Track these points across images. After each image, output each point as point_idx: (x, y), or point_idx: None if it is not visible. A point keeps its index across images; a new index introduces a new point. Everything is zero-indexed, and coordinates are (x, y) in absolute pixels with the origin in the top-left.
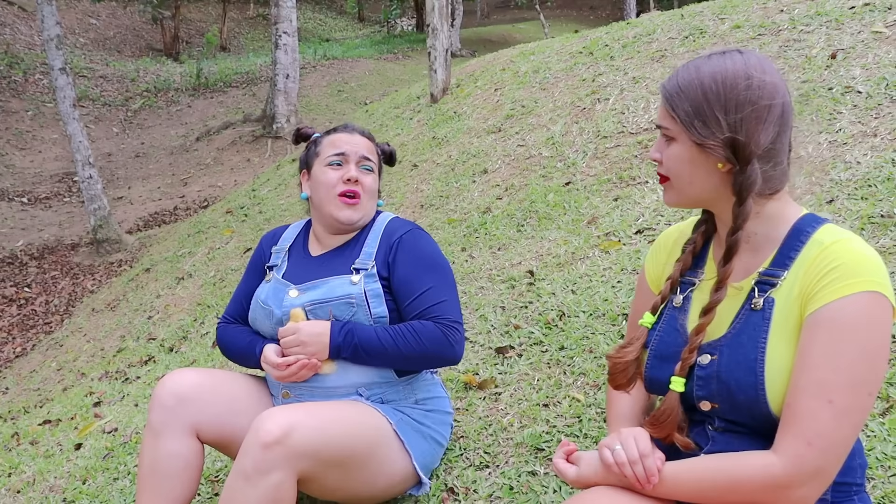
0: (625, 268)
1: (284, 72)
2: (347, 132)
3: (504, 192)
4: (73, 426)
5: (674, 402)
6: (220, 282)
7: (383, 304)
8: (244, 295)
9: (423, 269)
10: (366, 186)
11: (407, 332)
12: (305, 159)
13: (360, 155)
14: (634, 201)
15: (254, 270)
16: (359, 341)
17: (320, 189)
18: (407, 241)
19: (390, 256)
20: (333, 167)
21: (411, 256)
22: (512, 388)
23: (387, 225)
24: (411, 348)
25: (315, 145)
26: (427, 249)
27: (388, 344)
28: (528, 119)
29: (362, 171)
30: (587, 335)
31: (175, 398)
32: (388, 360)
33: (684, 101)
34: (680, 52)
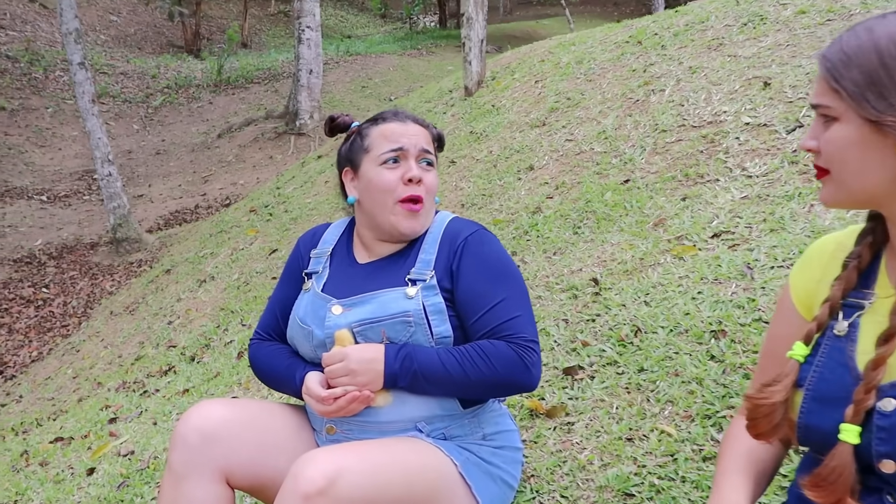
0: (704, 276)
1: (307, 67)
2: (399, 121)
3: (554, 190)
4: (87, 446)
5: (846, 457)
6: (244, 285)
7: (446, 321)
8: (280, 306)
9: (493, 278)
10: (429, 186)
11: (475, 355)
12: (348, 155)
13: (419, 148)
14: (706, 201)
15: (290, 277)
16: (419, 367)
17: (375, 194)
18: (473, 244)
19: (454, 263)
20: (389, 166)
21: (479, 263)
22: (586, 417)
23: (447, 226)
24: (481, 374)
25: (360, 138)
26: (497, 254)
27: (453, 369)
28: (575, 112)
29: (423, 167)
30: (669, 355)
31: (201, 436)
32: (454, 389)
33: (853, 69)
34: (739, 40)
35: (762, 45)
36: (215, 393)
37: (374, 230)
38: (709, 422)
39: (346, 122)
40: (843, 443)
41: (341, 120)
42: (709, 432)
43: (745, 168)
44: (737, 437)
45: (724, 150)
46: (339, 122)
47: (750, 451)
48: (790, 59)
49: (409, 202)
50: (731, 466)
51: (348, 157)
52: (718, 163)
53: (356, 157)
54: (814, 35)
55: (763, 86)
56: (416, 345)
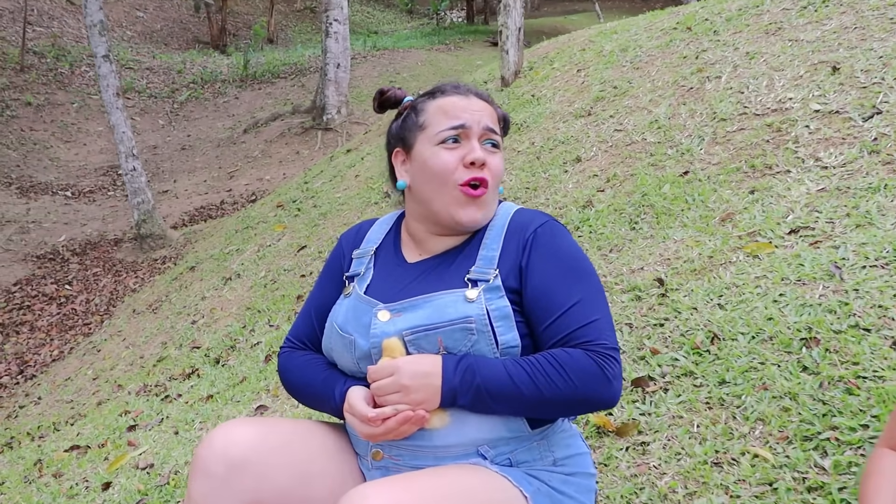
0: (786, 277)
1: (335, 61)
2: (461, 94)
3: (605, 183)
4: (104, 456)
5: None
6: (271, 283)
7: (513, 327)
8: (317, 311)
9: (568, 275)
10: (494, 171)
11: (549, 366)
12: (400, 133)
13: (483, 126)
14: (778, 194)
15: (330, 278)
16: (482, 381)
17: (431, 177)
18: (544, 237)
19: (522, 259)
20: (448, 146)
21: (552, 259)
22: (663, 437)
23: (512, 218)
24: (556, 389)
25: (415, 113)
26: (571, 249)
27: (523, 384)
28: (623, 101)
29: (488, 148)
30: (754, 365)
31: (226, 465)
32: (522, 407)
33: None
34: (799, 23)
35: (826, 29)
36: (241, 400)
37: (428, 221)
38: (809, 444)
39: (398, 96)
40: None
41: (392, 93)
42: (811, 457)
43: (818, 158)
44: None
45: (794, 139)
46: (390, 96)
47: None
48: (859, 43)
49: (469, 187)
50: None
51: (400, 135)
52: (788, 153)
53: (409, 136)
54: (884, 17)
55: (831, 71)
56: (478, 356)
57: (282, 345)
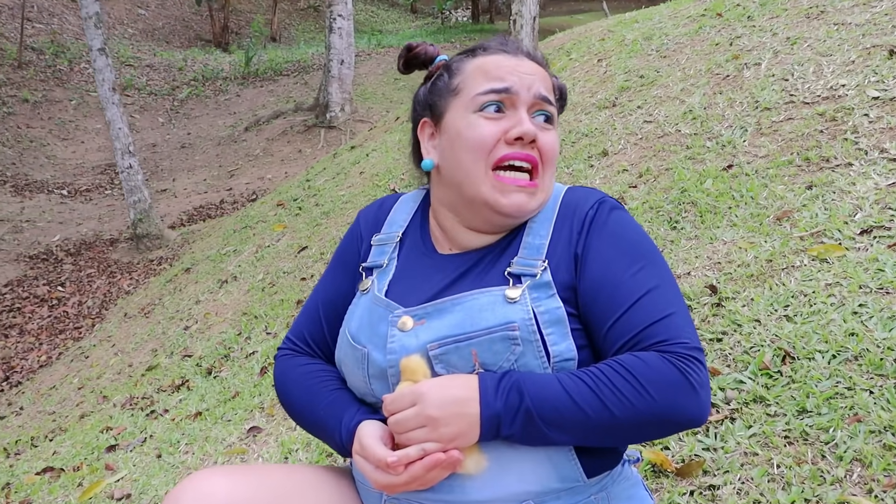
0: (864, 284)
1: (339, 57)
2: (508, 52)
3: (637, 178)
4: (77, 481)
5: None
6: (269, 287)
7: (568, 335)
8: (326, 306)
9: (634, 262)
10: (547, 151)
11: (616, 377)
12: (429, 99)
13: (535, 94)
14: (841, 190)
15: (342, 266)
16: (533, 403)
17: (462, 153)
18: (602, 217)
19: (578, 246)
20: (489, 115)
21: (614, 243)
22: (736, 479)
23: (563, 199)
24: (628, 406)
25: (449, 75)
26: (636, 232)
27: (586, 402)
28: (652, 91)
29: (540, 123)
30: (840, 391)
31: None
32: (587, 432)
33: None
34: (844, 6)
35: (876, 11)
36: (232, 419)
37: (460, 211)
38: None
39: (430, 54)
40: None
41: (423, 49)
42: None
43: (884, 149)
44: None
45: (852, 128)
46: (419, 52)
47: None
48: None
49: (514, 170)
50: None
51: (429, 101)
52: (848, 144)
53: (440, 102)
54: None
55: (888, 55)
56: (523, 372)
57: (279, 346)
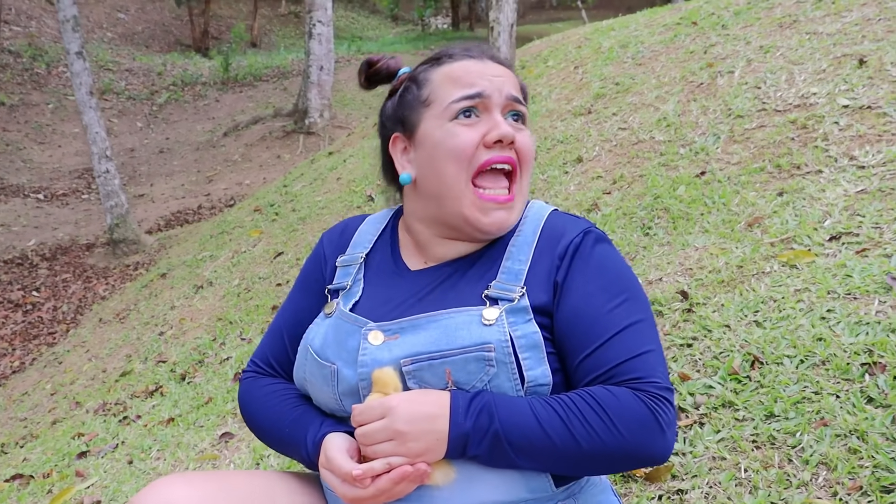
0: (833, 290)
1: (318, 63)
2: (474, 58)
3: (611, 184)
4: (47, 489)
5: None
6: (245, 292)
7: (544, 360)
8: (290, 329)
9: (614, 297)
10: (523, 152)
11: (587, 409)
12: (397, 113)
13: (506, 95)
14: (811, 197)
15: (306, 288)
16: (501, 427)
17: (443, 164)
18: (586, 249)
19: (559, 274)
20: (464, 122)
21: (596, 275)
22: (704, 483)
23: (546, 223)
24: (596, 439)
25: (417, 86)
26: (618, 266)
27: (555, 431)
28: (627, 98)
29: (513, 123)
30: (807, 395)
31: None
32: (552, 461)
33: None
34: (816, 16)
35: (847, 21)
36: (204, 425)
37: (437, 223)
38: (890, 497)
39: (391, 67)
40: None
41: (384, 64)
42: None
43: (853, 157)
44: None
45: (822, 136)
46: (381, 68)
47: None
48: (886, 35)
49: (496, 174)
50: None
51: (398, 115)
52: (818, 151)
53: (412, 115)
54: None
55: (858, 64)
56: (496, 393)
57: (244, 369)
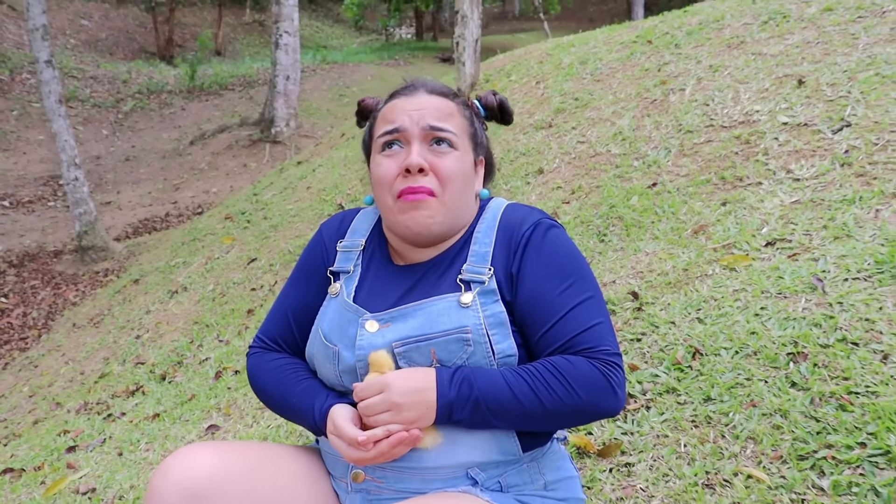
0: (766, 290)
1: (285, 73)
2: (406, 95)
3: (570, 194)
4: (40, 480)
5: None
6: (220, 297)
7: (509, 335)
8: (293, 307)
9: (565, 278)
10: (442, 172)
11: (549, 376)
12: (364, 144)
13: (423, 126)
14: (751, 206)
15: (307, 273)
16: (480, 394)
17: (375, 189)
18: (537, 238)
19: (513, 265)
20: (388, 153)
21: (547, 260)
22: (648, 457)
23: (503, 215)
24: (559, 401)
25: (374, 121)
26: (569, 248)
27: (524, 395)
28: (585, 112)
29: (433, 148)
30: (740, 381)
31: (184, 497)
32: (523, 420)
33: None
34: (761, 37)
35: (789, 43)
36: (190, 419)
37: (395, 233)
38: (806, 464)
39: (371, 105)
40: None
41: (366, 103)
42: (808, 477)
43: (790, 170)
44: None
45: (763, 151)
46: (366, 105)
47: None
48: (823, 57)
49: (406, 196)
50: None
51: (364, 146)
52: (759, 165)
53: (367, 147)
54: (846, 32)
55: (797, 84)
56: (473, 367)
57: (251, 344)
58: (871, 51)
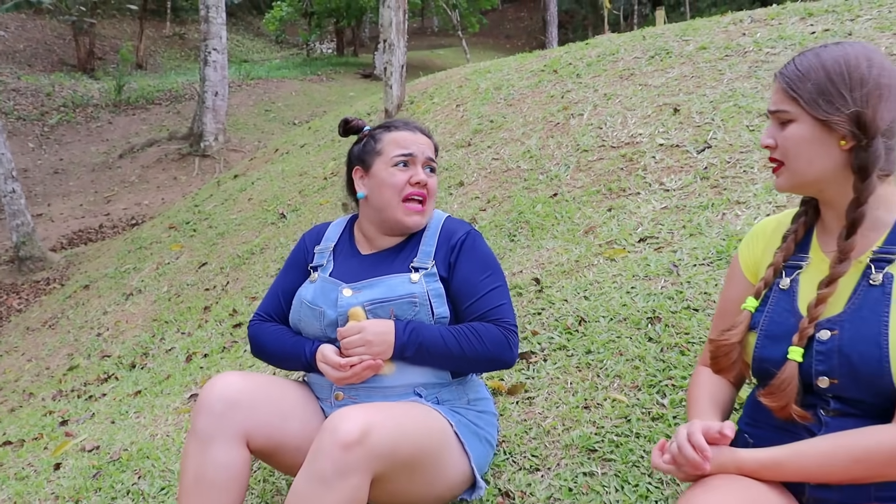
0: (636, 274)
1: (213, 89)
2: (410, 130)
3: (486, 203)
4: (43, 446)
5: (792, 371)
6: (175, 297)
7: (445, 303)
8: (283, 291)
9: (484, 271)
10: (431, 190)
11: (470, 334)
12: (360, 155)
13: (426, 156)
14: (630, 211)
15: (295, 267)
16: (423, 341)
17: (384, 191)
18: (469, 243)
19: (452, 257)
20: (400, 168)
21: (474, 258)
22: (545, 392)
23: (444, 225)
24: (474, 350)
25: (374, 141)
26: (487, 252)
27: (452, 345)
28: (499, 133)
29: (428, 173)
30: (612, 339)
31: (225, 403)
32: (449, 362)
33: (807, 82)
34: (648, 70)
35: (669, 76)
36: (171, 392)
37: (379, 224)
38: (653, 390)
39: (360, 126)
40: (790, 361)
41: (355, 123)
42: (654, 398)
43: (662, 183)
44: (699, 383)
45: (643, 167)
46: (353, 125)
47: (712, 393)
48: (695, 89)
49: (414, 201)
50: (701, 404)
51: (360, 157)
52: (638, 178)
53: (368, 158)
54: (714, 68)
55: (673, 111)
56: (420, 322)
57: (251, 319)
58: (732, 85)
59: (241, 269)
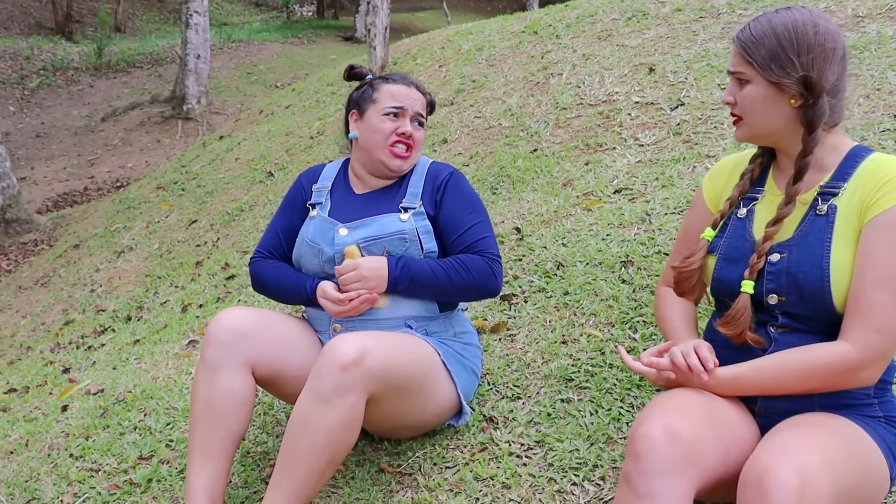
0: (611, 223)
1: (195, 52)
2: (406, 85)
3: (469, 159)
4: (48, 392)
5: (745, 302)
6: (167, 253)
7: (433, 239)
8: (282, 229)
9: (468, 207)
10: (417, 141)
11: (457, 265)
12: (357, 100)
13: (415, 111)
14: (606, 165)
15: (291, 207)
16: (414, 274)
17: (373, 136)
18: (453, 182)
19: (438, 195)
20: (390, 118)
21: (458, 196)
22: (525, 330)
23: (429, 168)
24: (461, 280)
25: (371, 89)
26: (470, 190)
27: (440, 276)
28: (481, 93)
29: (415, 126)
30: (588, 281)
31: (231, 334)
32: (440, 292)
33: (760, 48)
34: (625, 31)
35: (646, 37)
36: (169, 340)
37: (367, 165)
38: (626, 326)
39: (363, 73)
40: (743, 293)
41: (359, 70)
42: (627, 333)
43: (637, 138)
44: (669, 304)
45: (619, 123)
46: (357, 72)
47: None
48: (670, 49)
49: (397, 150)
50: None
51: (358, 101)
52: (614, 134)
53: (364, 104)
54: (689, 29)
55: (648, 71)
56: (410, 256)
57: (252, 256)
58: (705, 45)
59: (231, 225)
